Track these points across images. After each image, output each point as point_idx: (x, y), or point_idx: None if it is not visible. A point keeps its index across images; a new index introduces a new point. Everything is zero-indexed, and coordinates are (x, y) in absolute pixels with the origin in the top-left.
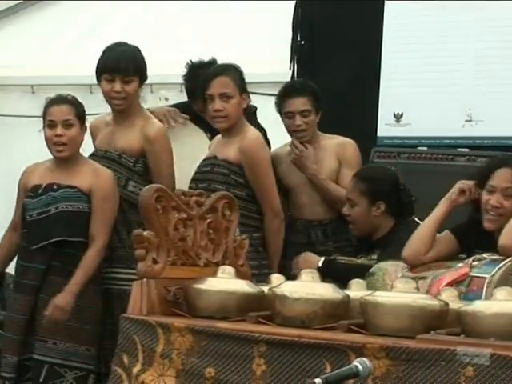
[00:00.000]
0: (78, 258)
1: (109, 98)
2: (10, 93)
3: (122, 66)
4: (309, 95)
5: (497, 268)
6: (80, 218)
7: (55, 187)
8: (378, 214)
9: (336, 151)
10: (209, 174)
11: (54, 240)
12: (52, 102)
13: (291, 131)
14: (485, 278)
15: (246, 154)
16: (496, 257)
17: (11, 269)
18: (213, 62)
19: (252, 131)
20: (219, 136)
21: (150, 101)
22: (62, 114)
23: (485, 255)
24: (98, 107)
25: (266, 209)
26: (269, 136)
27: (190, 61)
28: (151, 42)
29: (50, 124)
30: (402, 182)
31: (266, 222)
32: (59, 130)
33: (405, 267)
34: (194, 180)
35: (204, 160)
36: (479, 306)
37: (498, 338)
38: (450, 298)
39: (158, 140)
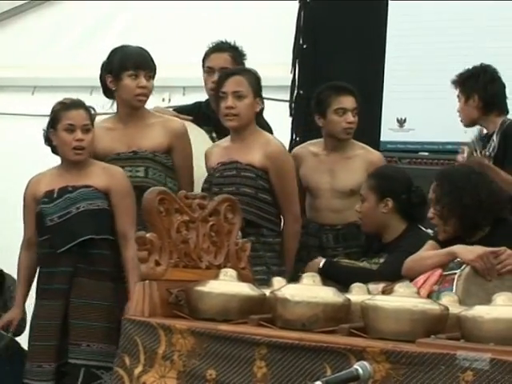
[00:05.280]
0: (103, 258)
1: (133, 95)
2: (10, 93)
3: (146, 61)
4: (356, 97)
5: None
6: (102, 215)
7: (70, 189)
8: (385, 211)
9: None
10: (236, 178)
11: (80, 240)
12: (69, 106)
13: (342, 129)
14: (455, 273)
15: (273, 159)
16: None
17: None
18: None
19: (273, 137)
20: (223, 141)
21: (153, 102)
22: (81, 118)
23: None
24: (97, 109)
25: (288, 213)
26: None
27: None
28: (153, 45)
29: (68, 128)
30: (415, 185)
31: (285, 227)
32: (80, 135)
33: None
34: (216, 184)
35: (223, 164)
36: (479, 311)
37: (498, 343)
38: (450, 302)
39: (186, 134)
